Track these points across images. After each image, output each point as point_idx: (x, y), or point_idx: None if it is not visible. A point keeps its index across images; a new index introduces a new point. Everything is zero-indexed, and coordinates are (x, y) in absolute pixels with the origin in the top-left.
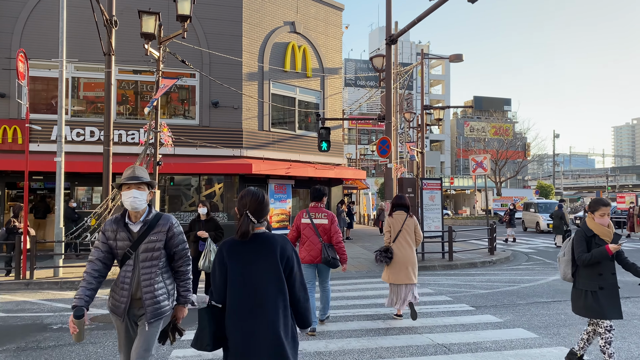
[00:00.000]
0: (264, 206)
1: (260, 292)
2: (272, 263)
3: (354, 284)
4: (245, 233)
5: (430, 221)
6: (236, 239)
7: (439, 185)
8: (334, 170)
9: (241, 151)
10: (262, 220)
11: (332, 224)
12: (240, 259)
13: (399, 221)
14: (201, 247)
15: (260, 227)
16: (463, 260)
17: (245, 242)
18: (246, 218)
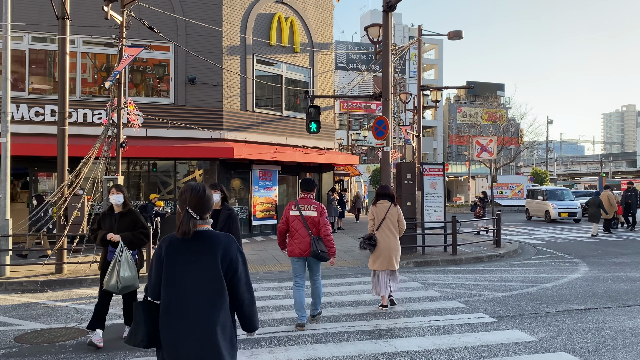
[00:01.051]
0: (205, 201)
1: (197, 293)
2: (212, 263)
3: (347, 283)
4: (187, 231)
5: (432, 211)
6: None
7: (442, 171)
8: (324, 155)
9: (221, 133)
10: (206, 217)
11: (321, 216)
12: (178, 257)
13: (382, 210)
14: (110, 257)
15: (205, 224)
16: (468, 254)
17: (186, 240)
18: (187, 215)
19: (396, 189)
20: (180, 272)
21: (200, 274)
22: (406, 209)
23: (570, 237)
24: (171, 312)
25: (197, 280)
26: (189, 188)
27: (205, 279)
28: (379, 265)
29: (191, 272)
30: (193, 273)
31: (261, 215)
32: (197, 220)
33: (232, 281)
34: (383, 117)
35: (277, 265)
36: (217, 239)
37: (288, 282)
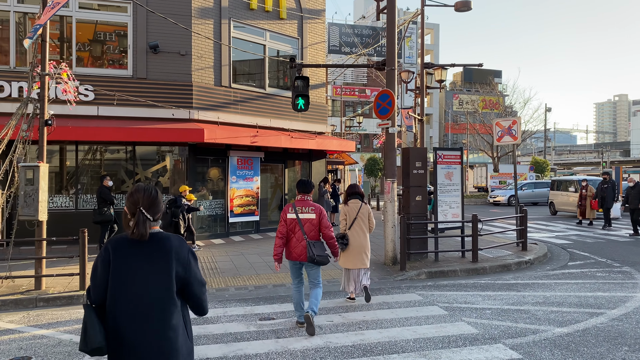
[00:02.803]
0: (158, 202)
1: (149, 296)
2: (164, 266)
3: (342, 309)
4: (143, 233)
5: (447, 207)
6: (126, 238)
7: (459, 158)
8: (315, 140)
9: (190, 113)
10: (157, 218)
11: (322, 218)
12: (129, 259)
13: (354, 209)
14: None
15: (156, 225)
16: (491, 261)
17: (135, 242)
18: (142, 216)
19: (403, 180)
20: (131, 275)
21: (152, 276)
22: (415, 204)
23: (599, 235)
24: (122, 316)
25: (149, 283)
26: (141, 189)
27: (158, 282)
28: (351, 263)
29: (143, 275)
30: (145, 276)
31: (240, 210)
32: (151, 221)
33: (185, 283)
34: (387, 91)
35: (254, 278)
36: (169, 240)
37: (265, 306)
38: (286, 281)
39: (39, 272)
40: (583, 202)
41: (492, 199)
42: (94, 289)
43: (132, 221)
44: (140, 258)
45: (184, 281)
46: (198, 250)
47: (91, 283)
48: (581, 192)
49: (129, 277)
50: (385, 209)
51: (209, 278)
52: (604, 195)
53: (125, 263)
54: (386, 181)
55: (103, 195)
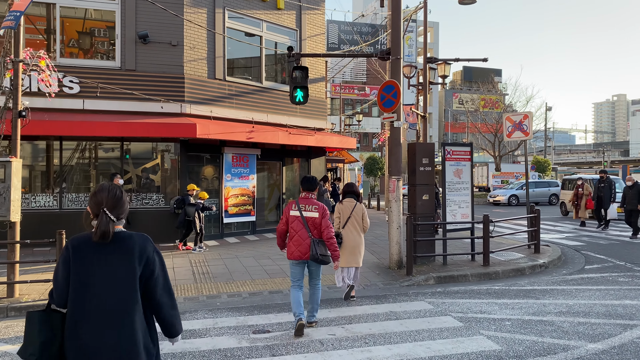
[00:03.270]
0: (122, 202)
1: (111, 299)
2: (127, 266)
3: (346, 320)
4: (106, 233)
5: (455, 207)
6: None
7: (469, 154)
8: (314, 137)
9: (182, 106)
10: (122, 218)
11: (323, 218)
12: (90, 260)
13: (348, 208)
14: None
15: (119, 225)
16: (503, 265)
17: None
18: (105, 216)
19: (409, 177)
20: (92, 277)
21: (114, 277)
22: (422, 204)
23: (612, 236)
24: (82, 320)
25: (111, 285)
26: (105, 189)
27: (120, 283)
28: (344, 261)
29: (104, 276)
30: (106, 277)
31: (235, 210)
32: (114, 221)
33: (149, 284)
34: (393, 82)
35: (249, 284)
36: (132, 240)
37: (260, 316)
38: (283, 287)
39: (11, 278)
40: (579, 201)
41: (492, 199)
42: (55, 290)
43: (95, 222)
44: (102, 258)
45: (148, 283)
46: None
47: (53, 285)
48: (577, 191)
49: (89, 278)
50: (390, 209)
51: (200, 284)
52: (601, 195)
53: (85, 263)
54: (391, 179)
55: None
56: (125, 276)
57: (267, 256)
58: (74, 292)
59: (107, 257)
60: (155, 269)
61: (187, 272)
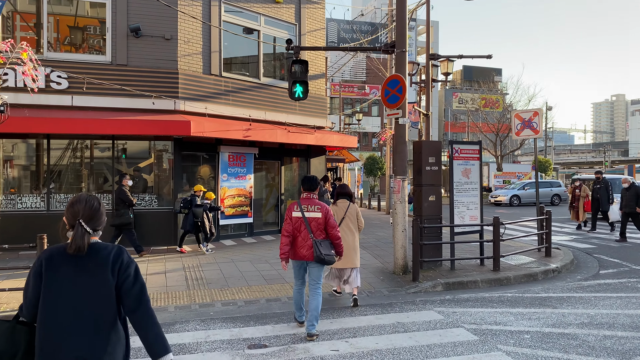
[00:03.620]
0: (99, 214)
1: (84, 311)
2: (102, 278)
3: (349, 332)
4: (81, 247)
5: (464, 208)
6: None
7: (478, 153)
8: (314, 135)
9: (176, 103)
10: (98, 230)
11: (328, 218)
12: (62, 271)
13: (342, 209)
14: None
15: (95, 236)
16: (514, 269)
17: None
18: (80, 228)
19: (414, 177)
20: (66, 289)
21: (88, 289)
22: (428, 205)
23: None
24: (54, 334)
25: (85, 297)
26: (82, 199)
27: (95, 296)
28: (340, 263)
29: (78, 289)
30: (81, 289)
31: (231, 211)
32: (90, 233)
33: (127, 295)
34: (398, 76)
35: (245, 291)
36: (107, 251)
37: (256, 327)
38: (281, 294)
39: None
40: (576, 203)
41: (493, 199)
42: (25, 303)
43: (71, 233)
44: (75, 270)
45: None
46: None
47: (23, 297)
48: (574, 193)
49: (63, 290)
50: (395, 211)
51: (193, 290)
52: (598, 197)
53: (58, 276)
54: (395, 179)
55: (121, 196)
56: (99, 288)
57: (265, 260)
58: (47, 304)
59: (82, 269)
60: (130, 280)
61: (180, 277)
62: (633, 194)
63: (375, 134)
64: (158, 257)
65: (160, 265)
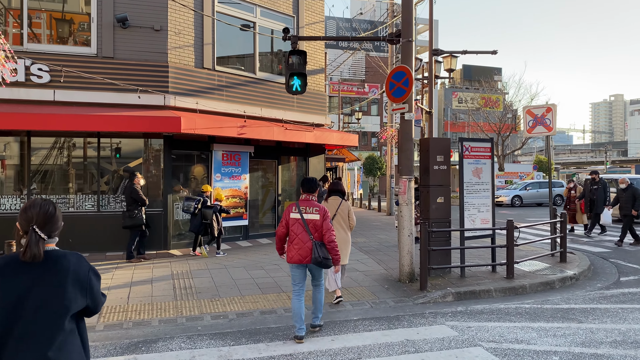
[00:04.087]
0: (55, 219)
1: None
2: (58, 288)
3: (354, 351)
4: (36, 255)
5: (474, 211)
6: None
7: (489, 151)
8: (312, 133)
9: (166, 98)
10: (54, 235)
11: (324, 220)
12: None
13: (334, 206)
14: None
15: (51, 243)
16: (529, 277)
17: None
18: (35, 235)
19: (421, 177)
20: (20, 299)
21: (45, 300)
22: (436, 207)
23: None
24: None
25: (41, 308)
26: (37, 204)
27: (52, 306)
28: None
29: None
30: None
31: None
32: (44, 240)
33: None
34: (404, 68)
35: (237, 302)
36: (66, 260)
37: (248, 345)
38: (277, 305)
39: None
40: (572, 205)
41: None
42: None
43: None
44: (32, 279)
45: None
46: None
47: None
48: (569, 194)
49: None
50: (400, 213)
51: (181, 301)
52: (594, 198)
53: (11, 286)
54: (401, 179)
55: (134, 195)
56: (54, 299)
57: (260, 266)
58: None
59: (36, 278)
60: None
61: (167, 286)
62: (630, 195)
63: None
64: (146, 263)
65: (148, 272)
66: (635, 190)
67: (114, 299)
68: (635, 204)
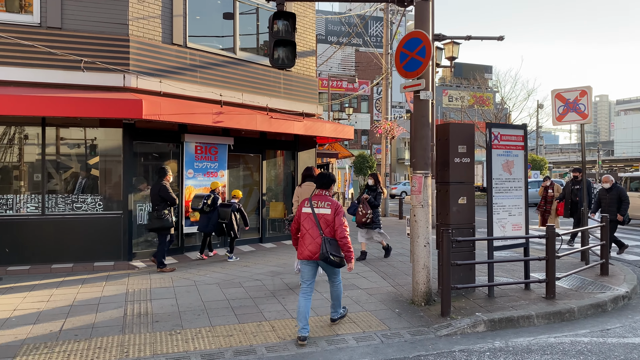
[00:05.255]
0: None
1: None
2: None
3: None
4: None
5: (505, 214)
6: None
7: (522, 140)
8: (302, 123)
9: (126, 78)
10: None
11: (336, 215)
12: None
13: (307, 192)
14: None
15: None
16: (573, 296)
17: None
18: None
19: (437, 172)
20: None
21: None
22: (457, 210)
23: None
24: None
25: None
26: None
27: None
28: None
29: None
30: None
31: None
32: None
33: None
34: (419, 33)
35: (204, 334)
36: None
37: None
38: (258, 341)
39: None
40: (547, 206)
41: None
42: None
43: None
44: None
45: None
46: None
47: None
48: (545, 193)
49: None
50: (415, 217)
51: (129, 335)
52: (575, 200)
53: None
54: (415, 174)
55: (163, 194)
56: None
57: (238, 282)
58: None
59: None
60: None
61: (117, 312)
62: (615, 196)
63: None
64: (99, 276)
65: (97, 290)
66: (621, 190)
67: (41, 333)
68: (621, 206)
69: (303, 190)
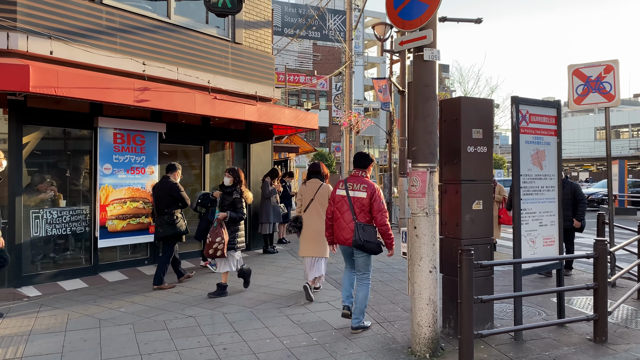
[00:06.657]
0: None
1: None
2: None
3: None
4: None
5: (535, 224)
6: None
7: (554, 123)
8: (255, 107)
9: (10, 38)
10: None
11: (374, 200)
12: None
13: (312, 190)
14: None
15: None
16: (628, 338)
17: None
18: None
19: (442, 166)
20: None
21: None
22: (471, 219)
23: None
24: None
25: None
26: None
27: None
28: (303, 250)
29: None
30: None
31: (120, 226)
32: None
33: None
34: None
35: None
36: None
37: None
38: None
39: None
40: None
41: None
42: None
43: None
44: None
45: None
46: (44, 312)
47: None
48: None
49: None
50: (416, 231)
51: None
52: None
53: None
54: (415, 169)
55: (174, 193)
56: None
57: (163, 320)
58: None
59: None
60: None
61: None
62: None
63: (325, 128)
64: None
65: None
66: (576, 188)
67: None
68: (578, 209)
69: (307, 188)
